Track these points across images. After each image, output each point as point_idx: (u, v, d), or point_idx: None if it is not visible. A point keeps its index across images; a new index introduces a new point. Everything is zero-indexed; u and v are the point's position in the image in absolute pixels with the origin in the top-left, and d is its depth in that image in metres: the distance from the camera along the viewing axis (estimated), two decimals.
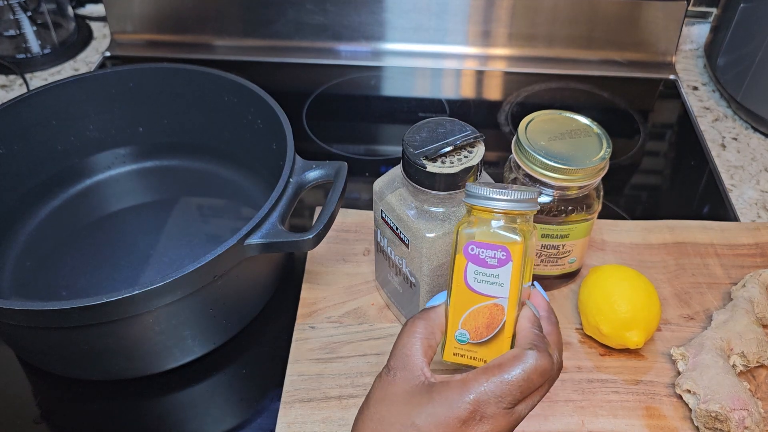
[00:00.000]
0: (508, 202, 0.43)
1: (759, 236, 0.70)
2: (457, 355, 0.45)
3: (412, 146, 0.50)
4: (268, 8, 0.94)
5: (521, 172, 0.58)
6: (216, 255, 0.51)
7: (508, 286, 0.43)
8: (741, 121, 0.88)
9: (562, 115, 0.59)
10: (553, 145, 0.56)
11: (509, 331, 0.43)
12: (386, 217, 0.54)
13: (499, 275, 0.43)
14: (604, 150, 0.56)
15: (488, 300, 0.43)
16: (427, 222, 0.51)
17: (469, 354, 0.45)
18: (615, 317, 0.57)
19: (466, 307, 0.44)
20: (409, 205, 0.52)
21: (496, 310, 0.43)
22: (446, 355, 0.45)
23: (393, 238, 0.54)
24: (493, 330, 0.44)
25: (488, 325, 0.44)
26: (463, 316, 0.44)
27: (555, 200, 0.57)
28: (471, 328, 0.44)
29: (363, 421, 0.41)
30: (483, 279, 0.43)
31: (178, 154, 0.76)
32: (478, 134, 0.51)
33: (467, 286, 0.43)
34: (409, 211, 0.52)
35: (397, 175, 0.54)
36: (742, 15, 0.85)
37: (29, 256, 0.67)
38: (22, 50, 0.94)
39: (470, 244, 0.43)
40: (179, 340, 0.56)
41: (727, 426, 0.52)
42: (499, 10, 0.93)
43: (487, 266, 0.43)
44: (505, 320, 0.43)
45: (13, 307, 0.48)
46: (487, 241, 0.43)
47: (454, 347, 0.45)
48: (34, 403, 0.58)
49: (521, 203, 0.43)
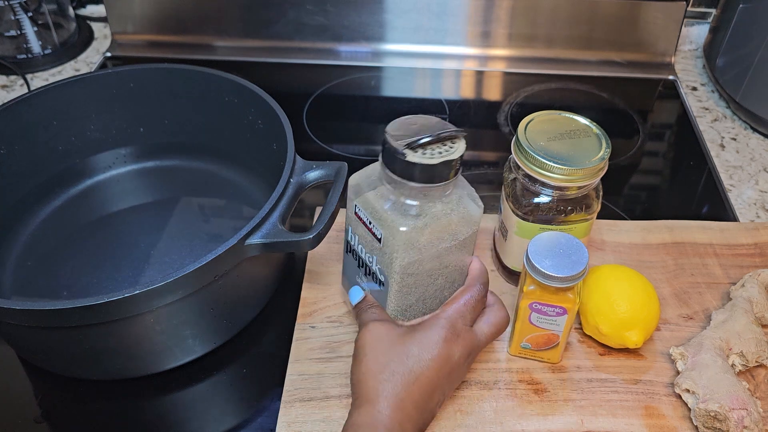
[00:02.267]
0: (566, 281, 0.52)
1: (758, 236, 0.70)
2: (522, 354, 0.59)
3: (393, 136, 0.48)
4: (268, 9, 0.94)
5: (521, 172, 0.58)
6: (216, 255, 0.51)
7: (563, 326, 0.55)
8: (740, 121, 0.89)
9: (562, 116, 0.60)
10: (553, 146, 0.56)
11: (561, 344, 0.57)
12: (360, 212, 0.52)
13: (557, 321, 0.55)
14: (604, 150, 0.56)
15: (548, 331, 0.56)
16: (401, 216, 0.49)
17: (531, 354, 0.59)
18: (614, 317, 0.57)
19: (529, 333, 0.57)
20: (387, 198, 0.50)
21: (553, 336, 0.57)
22: (513, 351, 0.59)
23: (365, 234, 0.53)
24: (549, 345, 0.57)
25: (546, 342, 0.57)
26: (526, 336, 0.57)
27: (554, 200, 0.58)
28: (533, 342, 0.58)
29: (361, 366, 0.50)
30: (544, 321, 0.55)
31: (179, 155, 0.76)
32: (460, 130, 0.50)
33: (530, 323, 0.56)
34: (385, 204, 0.50)
35: (374, 170, 0.53)
36: (741, 15, 0.85)
37: (30, 255, 0.67)
38: (23, 51, 0.94)
39: (534, 303, 0.54)
40: (180, 339, 0.56)
41: (726, 425, 0.52)
42: (499, 10, 0.94)
43: (547, 315, 0.55)
44: (559, 341, 0.57)
45: (14, 306, 0.48)
46: (547, 302, 0.54)
47: (519, 349, 0.59)
48: (35, 403, 0.58)
49: (575, 279, 0.52)
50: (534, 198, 0.58)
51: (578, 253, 0.53)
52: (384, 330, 0.51)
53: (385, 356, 0.49)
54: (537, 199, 0.58)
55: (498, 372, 0.59)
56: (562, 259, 0.52)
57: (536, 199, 0.58)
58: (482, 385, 0.58)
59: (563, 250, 0.53)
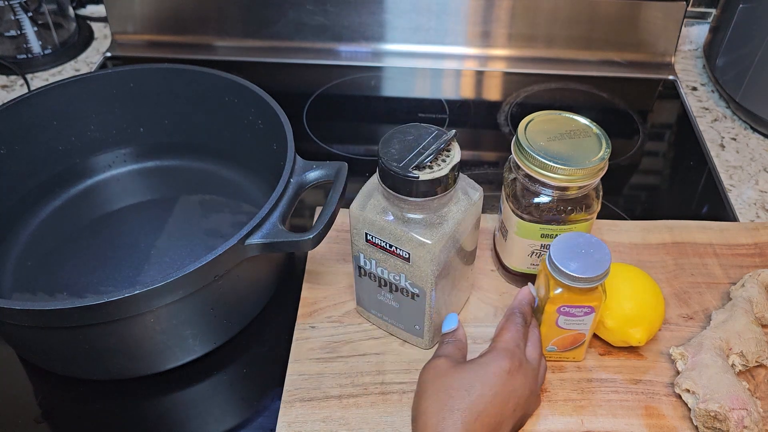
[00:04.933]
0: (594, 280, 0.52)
1: (758, 236, 0.70)
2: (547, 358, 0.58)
3: (394, 160, 0.49)
4: (268, 9, 0.94)
5: (521, 172, 0.58)
6: (216, 255, 0.51)
7: (590, 325, 0.55)
8: (740, 121, 0.89)
9: (562, 116, 0.60)
10: (553, 146, 0.56)
11: (587, 341, 0.57)
12: (375, 239, 0.53)
13: (584, 320, 0.55)
14: (604, 150, 0.56)
15: (574, 331, 0.56)
16: (422, 229, 0.51)
17: (556, 357, 0.59)
18: (621, 313, 0.57)
19: (555, 336, 0.57)
20: (401, 219, 0.52)
21: (579, 335, 0.57)
22: None
23: (386, 258, 0.54)
24: (575, 345, 0.58)
25: (572, 342, 0.57)
26: (553, 340, 0.57)
27: (554, 200, 0.58)
28: (559, 345, 0.57)
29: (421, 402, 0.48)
30: (571, 323, 0.55)
31: (179, 154, 0.76)
32: (446, 132, 0.51)
33: (557, 326, 0.55)
34: (401, 225, 0.51)
35: (371, 195, 0.53)
36: (741, 15, 0.85)
37: (30, 255, 0.67)
38: (23, 51, 0.94)
39: (562, 306, 0.54)
40: (180, 339, 0.56)
41: (726, 425, 0.52)
42: (499, 10, 0.94)
43: (575, 316, 0.55)
44: (585, 340, 0.57)
45: (14, 306, 0.48)
46: (576, 303, 0.53)
47: (545, 353, 0.58)
48: (35, 403, 0.58)
49: (603, 277, 0.52)
50: (534, 198, 0.58)
51: (600, 251, 0.53)
52: (446, 366, 0.50)
53: (445, 393, 0.48)
54: (537, 199, 0.58)
55: None
56: (586, 259, 0.52)
57: (536, 199, 0.58)
58: None
59: (585, 251, 0.53)
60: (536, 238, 0.60)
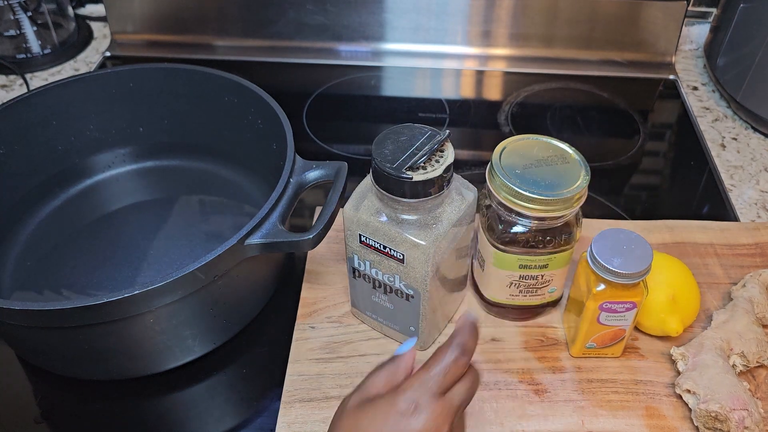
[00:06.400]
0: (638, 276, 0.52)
1: (759, 236, 0.70)
2: (585, 354, 0.59)
3: (388, 161, 0.49)
4: (268, 8, 0.94)
5: (495, 200, 0.55)
6: (216, 255, 0.51)
7: (630, 320, 0.56)
8: (741, 121, 0.89)
9: (539, 140, 0.57)
10: (529, 173, 0.53)
11: (627, 337, 0.57)
12: (369, 241, 0.53)
13: (626, 316, 0.55)
14: (582, 178, 0.53)
15: (615, 328, 0.56)
16: (417, 230, 0.51)
17: (595, 353, 0.59)
18: (658, 301, 0.57)
19: (596, 332, 0.56)
20: (394, 220, 0.51)
21: (619, 332, 0.57)
22: (576, 353, 0.59)
23: (380, 259, 0.54)
24: (615, 341, 0.57)
25: (612, 338, 0.57)
26: (593, 336, 0.57)
27: (532, 230, 0.55)
28: (598, 341, 0.57)
29: None
30: (612, 319, 0.55)
31: (178, 154, 0.76)
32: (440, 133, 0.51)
33: (599, 323, 0.55)
34: (395, 226, 0.51)
35: (365, 196, 0.53)
36: (741, 15, 0.85)
37: (30, 255, 0.67)
38: (23, 50, 0.94)
39: (605, 303, 0.54)
40: (180, 339, 0.56)
41: (727, 426, 0.52)
42: (499, 10, 0.93)
43: (617, 312, 0.55)
44: (625, 336, 0.57)
45: (13, 307, 0.48)
46: (619, 299, 0.54)
47: (584, 350, 0.58)
48: (35, 403, 0.58)
49: (646, 273, 0.52)
50: (511, 228, 0.55)
51: (642, 247, 0.53)
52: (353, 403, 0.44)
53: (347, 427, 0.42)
54: (514, 228, 0.55)
55: (498, 372, 0.59)
56: (628, 254, 0.52)
57: (513, 228, 0.55)
58: (482, 385, 0.57)
59: (627, 246, 0.53)
60: (514, 269, 0.57)
